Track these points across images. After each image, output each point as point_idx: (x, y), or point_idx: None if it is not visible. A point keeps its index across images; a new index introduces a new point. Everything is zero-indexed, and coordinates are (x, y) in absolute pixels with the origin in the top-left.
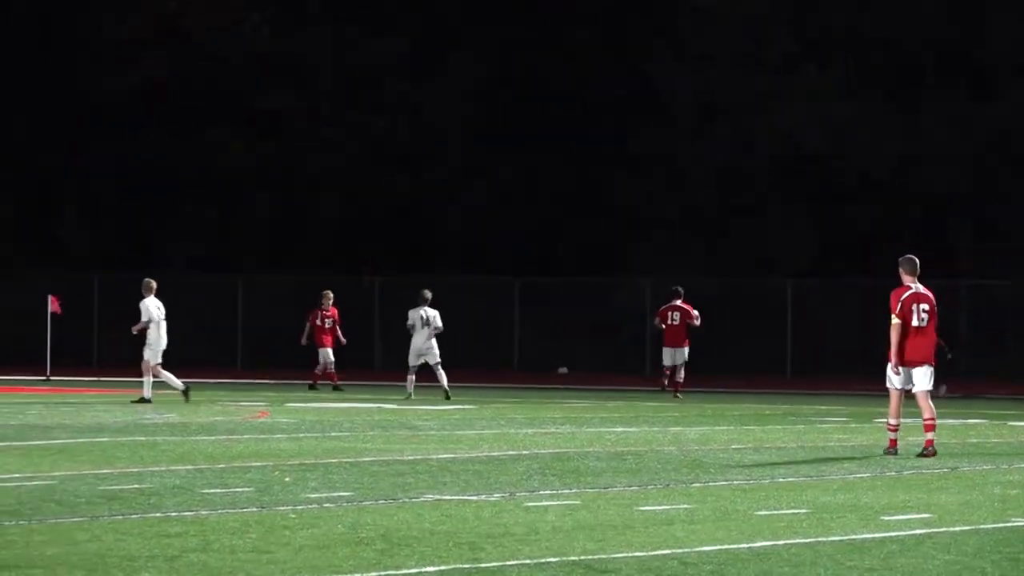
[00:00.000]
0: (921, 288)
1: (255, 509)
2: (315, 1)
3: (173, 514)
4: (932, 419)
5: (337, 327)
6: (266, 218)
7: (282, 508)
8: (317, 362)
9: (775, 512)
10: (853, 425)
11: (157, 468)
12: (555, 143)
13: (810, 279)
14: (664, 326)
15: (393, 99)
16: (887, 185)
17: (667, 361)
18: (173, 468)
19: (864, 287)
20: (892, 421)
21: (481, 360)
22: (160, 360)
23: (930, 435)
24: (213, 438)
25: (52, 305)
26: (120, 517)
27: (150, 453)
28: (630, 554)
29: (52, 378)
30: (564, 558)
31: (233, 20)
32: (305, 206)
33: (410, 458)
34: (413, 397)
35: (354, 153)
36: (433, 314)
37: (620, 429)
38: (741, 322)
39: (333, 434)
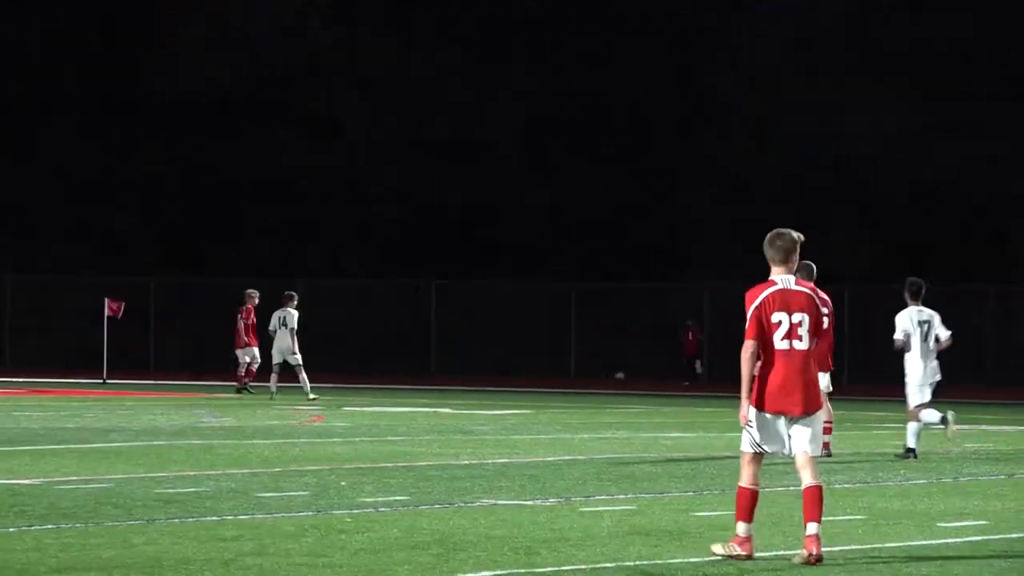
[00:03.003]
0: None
1: (311, 513)
2: (377, 9)
3: (229, 518)
4: (830, 421)
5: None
6: (326, 222)
7: (338, 512)
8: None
9: (831, 518)
10: None
11: (213, 472)
12: (614, 152)
13: (866, 285)
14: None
15: (453, 106)
16: (943, 193)
17: None
18: (229, 472)
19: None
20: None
21: (538, 365)
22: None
23: (826, 438)
24: (269, 442)
25: (109, 308)
26: (176, 520)
27: (206, 456)
28: (685, 560)
29: (109, 381)
30: (620, 563)
31: (295, 26)
32: (364, 211)
33: (466, 462)
34: (275, 397)
35: (413, 159)
36: (293, 315)
37: (676, 435)
38: None
39: (389, 438)
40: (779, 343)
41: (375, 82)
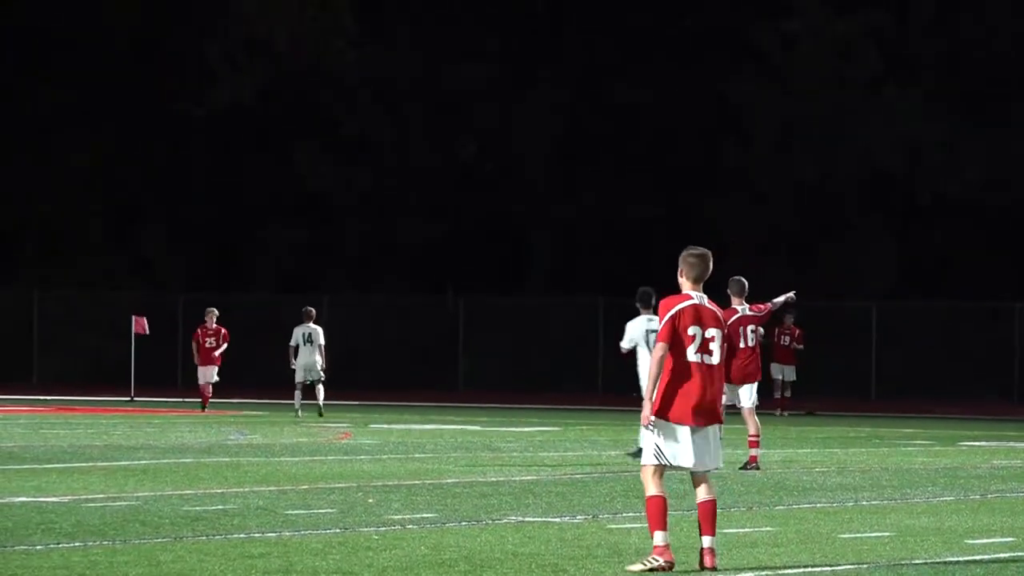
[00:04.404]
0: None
1: (338, 530)
2: (404, 25)
3: (256, 535)
4: (756, 435)
5: (221, 346)
6: (352, 238)
7: (365, 529)
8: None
9: (859, 535)
10: (937, 448)
11: (240, 489)
12: (640, 165)
13: (894, 301)
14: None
15: (480, 121)
16: (970, 205)
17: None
18: (256, 489)
19: (948, 309)
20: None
21: (566, 381)
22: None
23: (754, 451)
24: (296, 459)
25: (137, 325)
26: (204, 538)
27: (234, 474)
28: None
29: (136, 398)
30: None
31: (322, 42)
32: (391, 226)
33: (493, 479)
34: (300, 415)
35: (441, 174)
36: (319, 331)
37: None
38: (824, 344)
39: (416, 455)
40: (692, 355)
41: (402, 96)
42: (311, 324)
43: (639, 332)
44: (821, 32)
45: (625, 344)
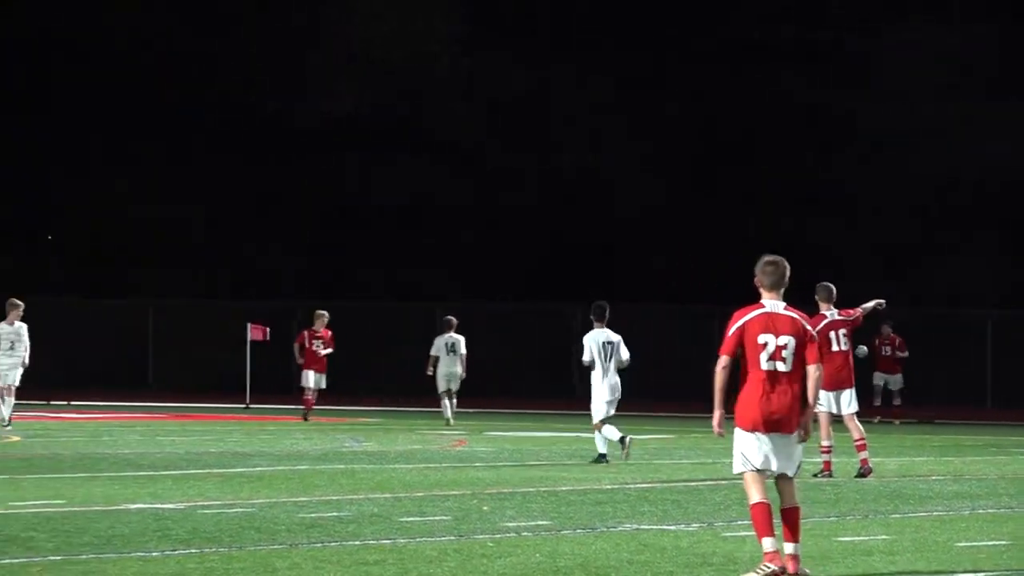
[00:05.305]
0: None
1: (453, 538)
2: (511, 35)
3: (371, 542)
4: (862, 439)
5: (327, 351)
6: (466, 248)
7: (480, 537)
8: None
9: (975, 543)
10: None
11: (355, 496)
12: (748, 176)
13: (1012, 310)
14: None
15: (586, 131)
16: None
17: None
18: (371, 496)
19: None
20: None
21: (679, 390)
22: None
23: (863, 454)
24: (411, 466)
25: (254, 332)
26: (319, 545)
27: (348, 481)
28: None
29: (252, 406)
30: None
31: (429, 52)
32: (502, 235)
33: (608, 487)
34: (452, 422)
35: (553, 184)
36: (461, 340)
37: (818, 459)
38: (940, 352)
39: (531, 463)
40: (764, 364)
41: (505, 107)
42: (453, 333)
43: (595, 345)
44: (933, 41)
45: (585, 358)
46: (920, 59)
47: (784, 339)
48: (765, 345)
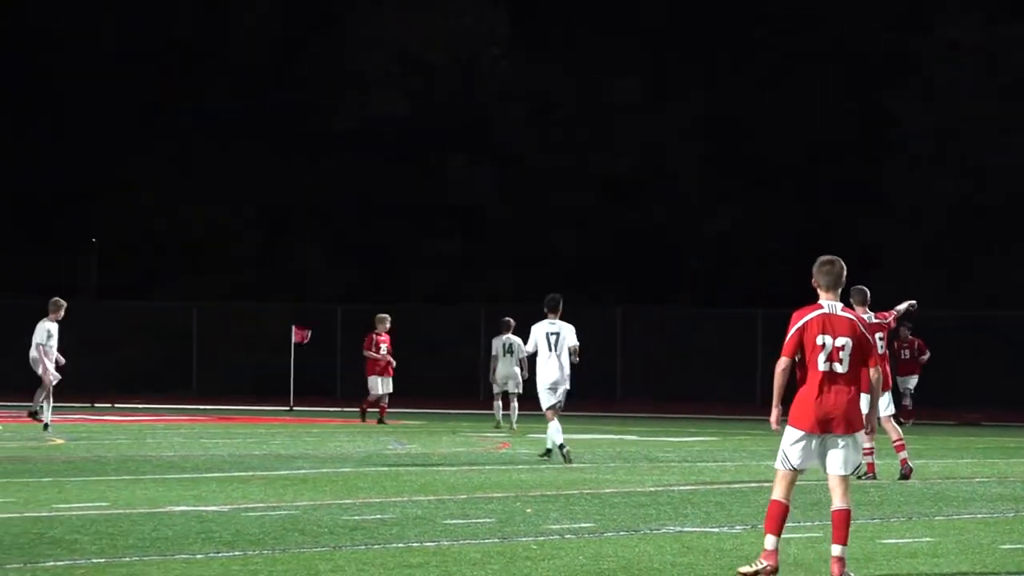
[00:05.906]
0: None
1: (497, 540)
2: (557, 37)
3: (415, 544)
4: (900, 439)
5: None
6: (506, 249)
7: (523, 539)
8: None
9: (1019, 545)
10: None
11: (399, 499)
12: (792, 177)
13: None
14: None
15: (632, 133)
16: None
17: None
18: (415, 499)
19: None
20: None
21: (723, 392)
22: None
23: (902, 454)
24: (455, 469)
25: (297, 335)
26: (362, 547)
27: (392, 484)
28: None
29: (295, 408)
30: None
31: (473, 54)
32: (545, 237)
33: (651, 489)
34: (502, 425)
35: (594, 184)
36: (518, 341)
37: (863, 460)
38: (983, 354)
39: (574, 465)
40: (821, 365)
41: (553, 110)
42: (510, 335)
43: (540, 334)
44: (976, 42)
45: (528, 347)
46: (964, 58)
47: (842, 340)
48: (823, 346)
